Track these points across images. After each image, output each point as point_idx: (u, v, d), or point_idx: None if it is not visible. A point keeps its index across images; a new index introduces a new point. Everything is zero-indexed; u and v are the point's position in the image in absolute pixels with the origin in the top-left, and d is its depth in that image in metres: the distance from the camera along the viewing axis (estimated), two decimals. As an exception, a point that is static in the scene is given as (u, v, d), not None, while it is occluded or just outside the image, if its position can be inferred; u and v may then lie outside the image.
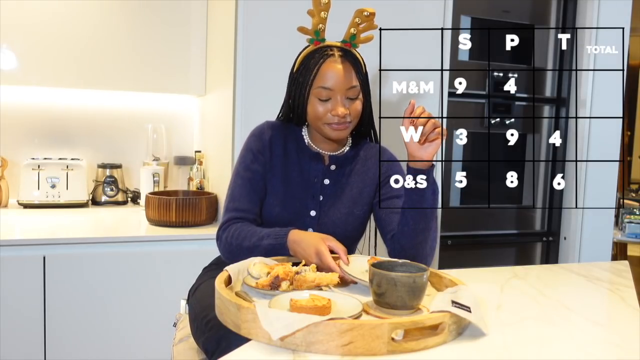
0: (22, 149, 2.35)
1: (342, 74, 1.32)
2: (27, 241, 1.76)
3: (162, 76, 2.37)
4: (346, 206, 1.40)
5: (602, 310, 1.28)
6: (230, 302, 0.94)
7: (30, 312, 1.75)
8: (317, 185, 1.39)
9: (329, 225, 1.37)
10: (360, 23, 1.35)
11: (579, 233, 2.41)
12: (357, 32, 1.36)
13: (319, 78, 1.32)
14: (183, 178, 2.49)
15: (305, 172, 1.40)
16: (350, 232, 1.41)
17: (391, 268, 1.05)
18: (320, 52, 1.34)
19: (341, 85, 1.32)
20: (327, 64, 1.32)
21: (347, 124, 1.35)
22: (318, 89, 1.33)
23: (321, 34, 1.36)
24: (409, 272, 1.01)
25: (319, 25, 1.35)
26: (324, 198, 1.39)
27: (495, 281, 1.35)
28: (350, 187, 1.42)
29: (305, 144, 1.42)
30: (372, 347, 0.85)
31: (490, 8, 2.35)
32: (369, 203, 1.43)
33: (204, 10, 2.37)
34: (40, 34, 2.22)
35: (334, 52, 1.34)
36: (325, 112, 1.33)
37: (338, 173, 1.41)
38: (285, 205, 1.37)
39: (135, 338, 1.86)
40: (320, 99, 1.33)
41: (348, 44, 1.36)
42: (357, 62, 1.36)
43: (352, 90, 1.34)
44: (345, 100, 1.33)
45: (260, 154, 1.39)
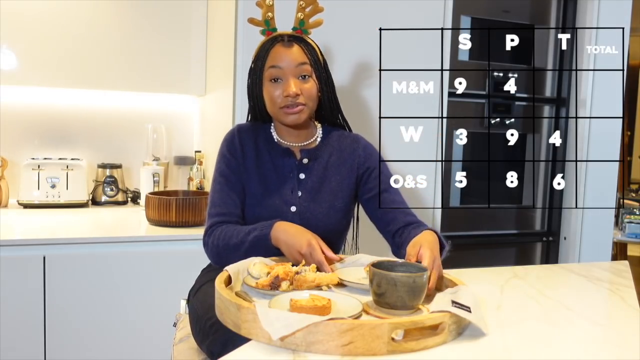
0: (22, 149, 2.35)
1: (289, 52, 1.33)
2: (27, 241, 1.76)
3: (162, 76, 2.37)
4: (326, 200, 1.39)
5: (602, 310, 1.28)
6: (230, 302, 0.94)
7: (30, 312, 1.75)
8: (293, 180, 1.39)
9: (312, 220, 1.36)
10: (305, 6, 1.37)
11: (579, 233, 2.41)
12: (304, 17, 1.37)
13: (269, 60, 1.34)
14: (183, 178, 2.49)
15: (279, 169, 1.40)
16: (334, 226, 1.40)
17: (391, 268, 1.05)
18: (271, 40, 1.36)
19: (290, 63, 1.33)
20: (275, 47, 1.35)
21: (301, 106, 1.34)
22: (269, 70, 1.34)
23: (271, 23, 1.38)
24: (408, 272, 1.01)
25: (267, 14, 1.36)
26: (303, 193, 1.39)
27: (495, 281, 1.35)
28: (328, 181, 1.41)
29: (275, 140, 1.43)
30: (372, 347, 0.85)
31: (490, 8, 2.35)
32: (350, 195, 1.43)
33: (204, 10, 2.37)
34: (40, 34, 2.22)
35: (284, 38, 1.36)
36: (279, 94, 1.33)
37: (312, 167, 1.41)
38: (265, 205, 1.37)
39: (135, 338, 1.86)
40: (272, 80, 1.34)
41: (299, 31, 1.38)
42: (308, 45, 1.37)
43: (302, 68, 1.34)
44: (297, 80, 1.33)
45: (233, 157, 1.40)
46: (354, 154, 1.44)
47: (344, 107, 1.50)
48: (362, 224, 1.55)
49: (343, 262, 1.27)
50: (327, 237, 1.34)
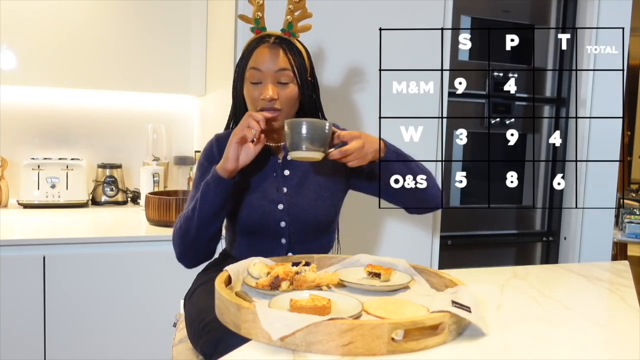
0: (22, 149, 2.35)
1: (271, 56, 1.33)
2: (27, 241, 1.76)
3: (162, 76, 2.37)
4: (313, 192, 1.39)
5: (602, 310, 1.28)
6: (230, 302, 0.94)
7: (30, 312, 1.75)
8: (278, 178, 1.39)
9: (300, 214, 1.37)
10: (294, 10, 1.36)
11: (579, 233, 2.41)
12: (293, 20, 1.37)
13: (251, 61, 1.34)
14: (183, 178, 2.49)
15: (262, 170, 1.39)
16: (323, 217, 1.40)
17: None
18: (258, 39, 1.36)
19: (270, 67, 1.32)
20: (259, 48, 1.34)
21: (278, 111, 1.33)
22: (250, 71, 1.34)
23: (261, 22, 1.37)
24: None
25: (257, 13, 1.36)
26: (288, 189, 1.38)
27: (495, 281, 1.35)
28: (313, 173, 1.41)
29: None
30: (372, 347, 0.85)
31: (490, 8, 2.35)
32: (337, 183, 1.43)
33: (204, 10, 2.37)
34: (40, 34, 2.22)
35: (270, 39, 1.35)
36: (258, 96, 1.33)
37: (296, 162, 1.40)
38: (252, 207, 1.36)
39: (135, 338, 1.86)
40: (252, 82, 1.34)
41: (287, 33, 1.38)
42: (292, 48, 1.35)
43: (282, 73, 1.33)
44: (276, 85, 1.33)
45: (210, 165, 1.38)
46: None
47: (343, 107, 1.50)
48: (346, 217, 1.54)
49: (343, 262, 1.27)
50: (316, 227, 1.36)
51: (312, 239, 1.40)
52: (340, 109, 1.97)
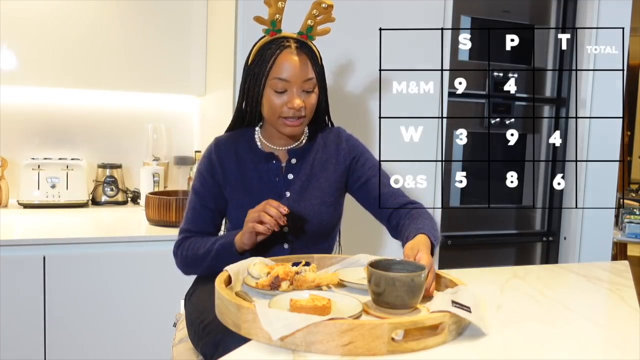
0: (22, 149, 2.35)
1: (298, 65, 1.30)
2: (27, 241, 1.76)
3: (162, 76, 2.37)
4: (316, 196, 1.39)
5: (602, 310, 1.28)
6: (230, 302, 0.94)
7: (30, 312, 1.75)
8: (281, 183, 1.39)
9: (303, 219, 1.37)
10: (318, 15, 1.33)
11: (579, 233, 2.41)
12: (314, 24, 1.34)
13: (275, 69, 1.30)
14: (183, 178, 2.49)
15: (264, 175, 1.39)
16: (326, 221, 1.40)
17: (389, 267, 1.05)
18: (276, 43, 1.32)
19: (298, 77, 1.30)
20: (283, 55, 1.30)
21: (302, 118, 1.33)
22: (274, 80, 1.30)
23: (277, 25, 1.33)
24: (407, 271, 1.01)
25: (276, 16, 1.32)
26: (291, 194, 1.38)
27: (495, 281, 1.35)
28: (316, 177, 1.40)
29: (257, 146, 1.41)
30: (372, 347, 0.85)
31: (490, 8, 2.35)
32: (339, 189, 1.43)
33: (204, 10, 2.37)
34: (41, 34, 2.22)
35: (290, 44, 1.32)
36: (282, 104, 1.31)
37: (300, 166, 1.40)
38: None
39: (135, 338, 1.86)
40: (276, 90, 1.31)
41: (304, 36, 1.34)
42: (313, 54, 1.34)
43: (309, 82, 1.32)
44: (301, 93, 1.32)
45: (209, 175, 1.39)
46: (339, 148, 1.44)
47: (343, 107, 1.50)
48: (346, 217, 1.54)
49: (343, 262, 1.27)
50: (319, 232, 1.36)
51: (314, 243, 1.39)
52: (340, 109, 1.96)
